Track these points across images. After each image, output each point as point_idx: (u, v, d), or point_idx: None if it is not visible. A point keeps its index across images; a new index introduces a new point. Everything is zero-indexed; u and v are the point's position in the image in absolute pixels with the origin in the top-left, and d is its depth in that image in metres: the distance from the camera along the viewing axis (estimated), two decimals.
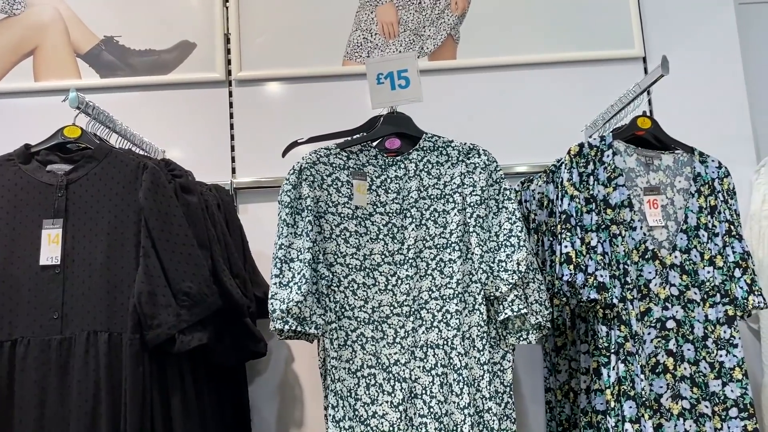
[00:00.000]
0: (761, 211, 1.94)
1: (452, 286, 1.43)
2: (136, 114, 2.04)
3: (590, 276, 1.46)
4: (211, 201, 1.64)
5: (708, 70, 2.12)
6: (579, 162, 1.54)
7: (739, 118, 2.11)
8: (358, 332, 1.39)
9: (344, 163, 1.45)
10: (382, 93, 1.45)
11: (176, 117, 2.05)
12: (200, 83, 2.06)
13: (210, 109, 2.06)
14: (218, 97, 2.07)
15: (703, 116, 2.09)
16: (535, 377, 1.95)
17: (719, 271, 1.57)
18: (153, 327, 1.30)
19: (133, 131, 1.76)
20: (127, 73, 2.06)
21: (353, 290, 1.40)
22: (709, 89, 2.11)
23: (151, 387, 1.32)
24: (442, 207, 1.48)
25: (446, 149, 1.51)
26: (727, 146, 2.05)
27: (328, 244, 1.40)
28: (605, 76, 2.09)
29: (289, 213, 1.36)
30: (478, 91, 2.09)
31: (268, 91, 2.07)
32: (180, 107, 2.06)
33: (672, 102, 2.08)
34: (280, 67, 2.06)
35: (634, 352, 1.47)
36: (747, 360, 1.94)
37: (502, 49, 2.09)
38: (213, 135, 2.05)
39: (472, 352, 1.42)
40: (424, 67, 2.07)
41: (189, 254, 1.36)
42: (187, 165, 1.97)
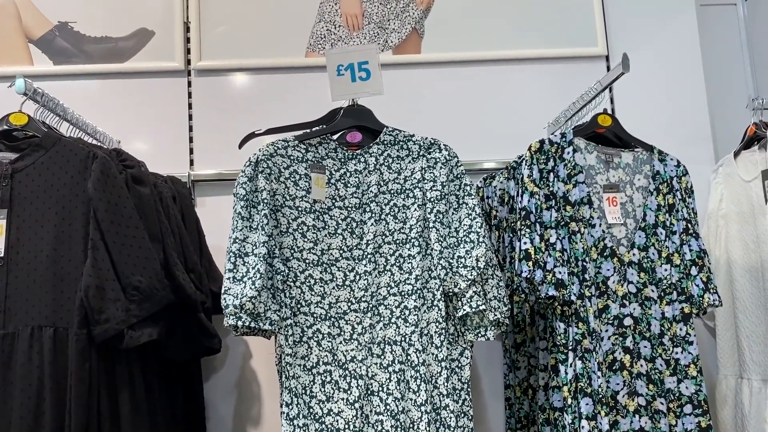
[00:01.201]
0: (718, 210, 1.97)
1: (411, 282, 1.41)
2: (91, 103, 1.98)
3: (549, 273, 1.46)
4: (165, 193, 1.60)
5: (669, 71, 2.14)
6: (539, 158, 1.53)
7: (698, 119, 2.13)
8: (314, 328, 1.36)
9: (302, 156, 1.42)
10: (342, 85, 1.43)
11: (133, 107, 2.00)
12: (158, 72, 2.01)
13: (168, 100, 2.01)
14: (177, 87, 2.02)
15: (664, 116, 2.11)
16: (494, 374, 1.95)
17: (676, 269, 1.58)
18: (101, 322, 1.26)
19: (86, 120, 1.70)
20: (82, 60, 1.99)
21: (310, 286, 1.37)
22: (669, 89, 2.13)
23: (98, 384, 1.27)
24: (402, 202, 1.46)
25: (407, 143, 1.49)
26: (686, 146, 2.08)
27: (285, 239, 1.37)
28: (569, 73, 2.10)
29: (245, 206, 1.33)
30: (443, 87, 2.07)
31: (228, 82, 2.03)
32: (137, 97, 2.00)
33: (633, 101, 2.10)
34: (242, 57, 2.02)
35: (592, 349, 1.47)
36: (702, 357, 1.97)
37: (467, 44, 2.08)
38: (171, 126, 2.00)
39: (429, 349, 1.40)
40: (388, 60, 2.05)
41: (140, 247, 1.32)
42: (144, 156, 1.93)
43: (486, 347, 1.96)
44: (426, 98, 2.06)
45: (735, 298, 1.87)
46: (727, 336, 1.89)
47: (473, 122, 2.06)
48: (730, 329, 1.89)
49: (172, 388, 1.49)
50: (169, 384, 1.48)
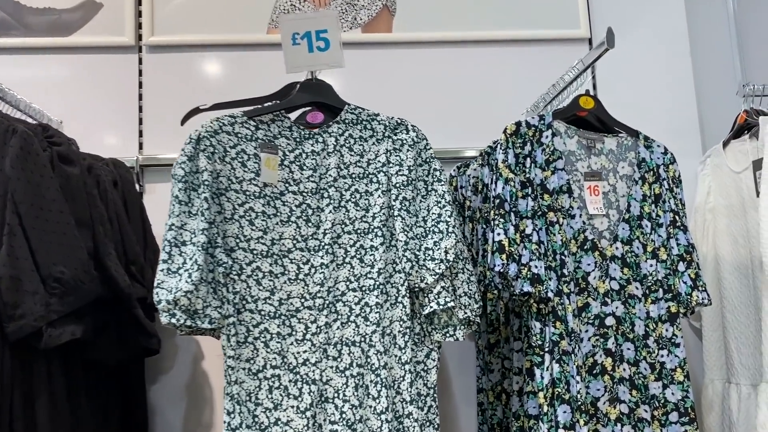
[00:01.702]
0: (706, 203, 1.85)
1: (373, 276, 1.27)
2: (32, 79, 1.82)
3: (524, 267, 1.32)
4: (104, 176, 1.45)
5: (655, 57, 2.03)
6: (516, 142, 1.40)
7: (685, 108, 2.02)
8: (261, 327, 1.21)
9: (252, 134, 1.28)
10: (297, 55, 1.28)
11: (78, 85, 1.84)
12: (106, 48, 1.85)
13: (117, 77, 1.85)
14: (127, 64, 1.86)
15: (649, 105, 2.00)
16: (467, 377, 1.82)
17: (662, 265, 1.46)
18: (15, 318, 1.10)
19: (19, 96, 1.54)
20: (23, 33, 1.83)
21: (257, 279, 1.22)
22: (655, 76, 2.02)
23: (11, 387, 1.12)
24: (364, 187, 1.32)
25: (371, 123, 1.35)
26: (673, 137, 1.96)
27: (230, 226, 1.22)
28: (551, 56, 1.98)
29: (183, 189, 1.18)
30: (416, 69, 1.94)
31: (183, 60, 1.87)
32: (83, 74, 1.84)
33: (616, 89, 1.99)
34: (198, 33, 1.87)
35: (570, 351, 1.34)
36: (689, 360, 1.85)
37: (442, 24, 1.95)
38: (119, 106, 1.84)
39: (392, 351, 1.26)
40: (356, 39, 1.92)
41: (63, 233, 1.17)
42: (90, 138, 1.78)
43: (458, 348, 1.83)
44: (397, 81, 1.92)
45: (723, 297, 1.75)
46: (714, 337, 1.78)
47: (448, 107, 1.93)
48: (718, 330, 1.77)
49: (104, 392, 1.34)
50: (102, 388, 1.33)
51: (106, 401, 1.32)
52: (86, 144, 1.78)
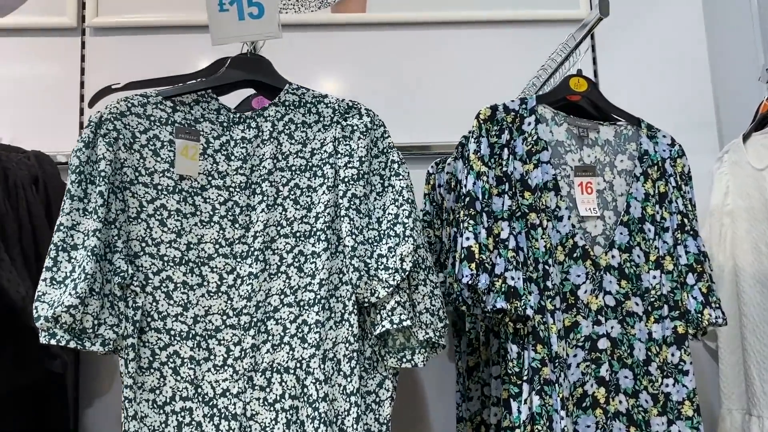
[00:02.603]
0: (723, 206, 1.61)
1: (313, 289, 1.05)
2: None
3: (497, 278, 1.10)
4: (18, 172, 1.25)
5: (664, 41, 1.80)
6: (491, 130, 1.18)
7: (700, 100, 1.79)
8: (169, 350, 1.00)
9: (168, 117, 1.07)
10: (225, 24, 1.07)
11: (14, 70, 1.65)
12: (46, 30, 1.66)
13: (57, 62, 1.66)
14: (68, 48, 1.67)
15: (658, 96, 1.76)
16: (446, 403, 1.59)
17: (668, 277, 1.22)
18: None
19: None
20: None
21: (167, 292, 1.01)
22: (665, 64, 1.79)
23: None
24: (306, 182, 1.10)
25: (317, 106, 1.14)
26: (685, 132, 1.72)
27: (134, 227, 1.01)
28: (546, 39, 1.74)
29: (77, 182, 0.97)
30: (394, 53, 1.72)
31: (130, 42, 1.68)
32: (19, 58, 1.65)
33: (620, 78, 1.76)
34: (147, 13, 1.67)
35: (554, 381, 1.11)
36: (702, 387, 1.61)
37: (422, 3, 1.73)
38: (59, 93, 1.65)
39: (335, 379, 1.04)
40: (325, 20, 1.71)
41: None
42: (25, 128, 1.60)
43: (438, 371, 1.61)
44: (371, 67, 1.71)
45: (742, 314, 1.51)
46: (732, 361, 1.53)
47: (430, 97, 1.71)
48: (736, 352, 1.53)
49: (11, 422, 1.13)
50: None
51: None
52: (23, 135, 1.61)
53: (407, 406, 1.59)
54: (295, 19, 1.70)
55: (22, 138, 1.59)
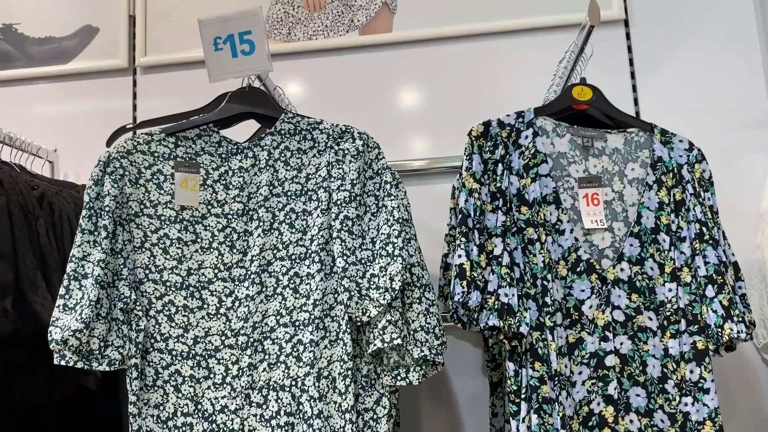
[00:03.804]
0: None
1: (308, 309, 1.10)
2: (32, 108, 1.83)
3: (490, 295, 1.09)
4: (64, 206, 1.39)
5: (711, 35, 1.69)
6: (484, 146, 1.17)
7: (751, 94, 1.66)
8: (171, 369, 1.08)
9: (170, 152, 1.15)
10: (220, 62, 1.14)
11: (75, 111, 1.82)
12: (101, 72, 1.82)
13: (111, 100, 1.81)
14: (121, 87, 1.82)
15: (703, 93, 1.66)
16: (479, 417, 1.58)
17: (685, 290, 1.16)
18: None
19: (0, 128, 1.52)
20: (25, 63, 1.84)
21: (169, 315, 1.09)
22: (711, 59, 1.68)
23: None
24: (302, 206, 1.15)
25: (312, 132, 1.19)
26: (734, 131, 1.62)
27: (139, 256, 1.10)
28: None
29: (88, 216, 1.07)
30: (421, 69, 1.74)
31: (177, 78, 1.81)
32: (80, 100, 1.83)
33: (661, 77, 1.67)
34: (189, 50, 1.79)
35: (554, 399, 1.09)
36: (756, 400, 1.51)
37: (449, 17, 1.74)
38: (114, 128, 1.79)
39: (330, 396, 1.08)
40: (354, 43, 1.75)
41: None
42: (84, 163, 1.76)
43: (471, 386, 1.60)
44: (401, 85, 1.74)
45: None
46: None
47: (459, 111, 1.71)
48: None
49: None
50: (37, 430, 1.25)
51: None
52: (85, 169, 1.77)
53: (442, 421, 1.59)
54: (326, 44, 1.76)
55: (82, 174, 1.76)
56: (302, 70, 1.78)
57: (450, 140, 1.70)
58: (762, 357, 1.55)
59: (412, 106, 1.73)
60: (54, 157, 1.71)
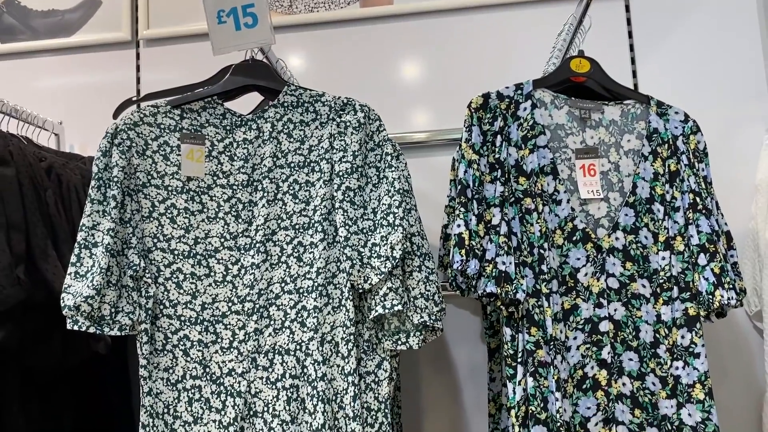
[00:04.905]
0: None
1: (312, 277, 1.13)
2: (36, 81, 1.85)
3: (488, 263, 1.13)
4: (72, 177, 1.42)
5: (712, 12, 1.70)
6: (483, 118, 1.20)
7: (749, 65, 1.68)
8: (180, 334, 1.12)
9: (176, 124, 1.18)
10: (224, 35, 1.16)
11: (79, 84, 1.84)
12: (104, 45, 1.84)
13: (115, 74, 1.83)
14: (124, 59, 1.83)
15: (703, 68, 1.67)
16: (478, 383, 1.63)
17: (679, 258, 1.19)
18: None
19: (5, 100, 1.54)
20: (29, 36, 1.86)
21: (177, 282, 1.13)
22: (712, 35, 1.69)
23: None
24: (305, 178, 1.18)
25: (314, 105, 1.21)
26: (732, 102, 1.64)
27: (147, 225, 1.13)
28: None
29: (97, 187, 1.10)
30: (422, 41, 1.75)
31: (179, 51, 1.82)
32: (84, 72, 1.84)
33: (660, 48, 1.68)
34: (193, 23, 1.80)
35: (549, 363, 1.13)
36: (750, 367, 1.55)
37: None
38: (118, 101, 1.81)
39: (334, 360, 1.12)
40: (355, 15, 1.77)
41: None
42: (91, 137, 1.79)
43: (469, 353, 1.65)
44: (404, 59, 1.75)
45: None
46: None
47: (459, 83, 1.73)
48: None
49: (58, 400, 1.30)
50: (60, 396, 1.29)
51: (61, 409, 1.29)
52: (90, 142, 1.80)
53: (441, 386, 1.64)
54: (328, 17, 1.77)
55: (87, 146, 1.79)
56: (303, 43, 1.79)
57: (450, 113, 1.73)
58: (753, 324, 1.59)
59: (412, 79, 1.75)
60: (60, 130, 1.73)
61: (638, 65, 1.67)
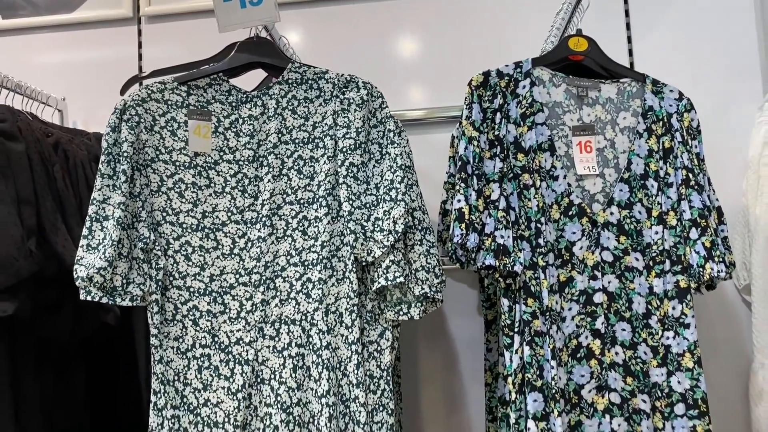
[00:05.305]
0: (761, 156, 1.56)
1: (316, 250, 1.17)
2: (38, 57, 1.86)
3: (487, 237, 1.17)
4: (78, 153, 1.44)
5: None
6: (483, 95, 1.23)
7: (743, 43, 1.70)
8: (189, 305, 1.15)
9: (183, 101, 1.20)
10: (230, 12, 1.18)
11: (81, 60, 1.85)
12: (106, 21, 1.85)
13: (117, 50, 1.84)
14: (126, 36, 1.85)
15: (699, 48, 1.70)
16: (475, 354, 1.68)
17: (671, 232, 1.23)
18: None
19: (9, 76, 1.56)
20: (30, 12, 1.86)
21: (186, 255, 1.16)
22: (707, 15, 1.71)
23: None
24: (309, 153, 1.21)
25: (318, 82, 1.23)
26: (725, 80, 1.67)
27: (156, 199, 1.16)
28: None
29: (107, 161, 1.13)
30: (420, 20, 1.77)
31: (181, 27, 1.83)
32: (84, 49, 1.85)
33: (658, 31, 1.71)
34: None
35: (545, 332, 1.17)
36: (739, 339, 1.61)
37: None
38: (120, 78, 1.83)
39: (337, 329, 1.16)
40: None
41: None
42: (93, 113, 1.81)
43: (467, 324, 1.69)
44: (397, 34, 1.77)
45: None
46: (765, 315, 1.51)
47: (457, 61, 1.75)
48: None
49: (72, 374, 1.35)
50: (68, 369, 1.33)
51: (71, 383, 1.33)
52: (92, 119, 1.82)
53: (440, 356, 1.69)
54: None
55: (90, 122, 1.81)
56: (302, 20, 1.81)
57: (447, 90, 1.75)
58: (742, 297, 1.64)
59: (410, 56, 1.77)
60: (63, 106, 1.75)
61: (634, 44, 1.70)
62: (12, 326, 1.19)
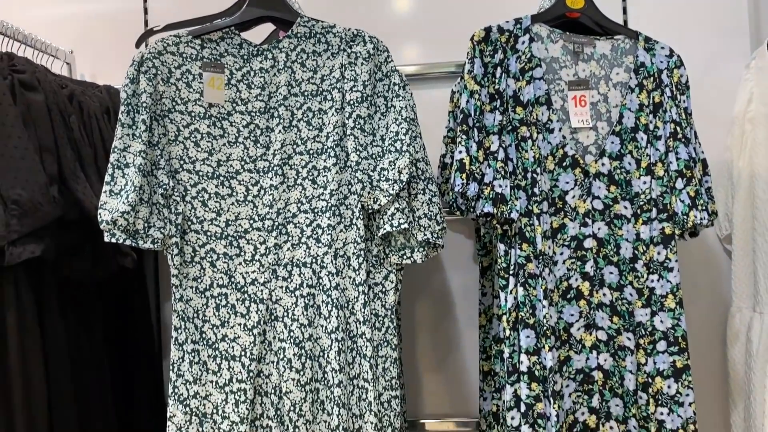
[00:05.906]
0: (746, 112, 1.63)
1: (325, 198, 1.24)
2: (44, 9, 1.89)
3: (486, 186, 1.24)
4: (91, 104, 1.49)
5: None
6: (485, 50, 1.29)
7: (733, 8, 1.75)
8: (207, 248, 1.23)
9: (197, 53, 1.25)
10: None
11: (86, 11, 1.88)
12: None
13: (122, 3, 1.87)
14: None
15: (689, 5, 1.75)
16: (470, 299, 1.77)
17: (658, 182, 1.31)
18: None
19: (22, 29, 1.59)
20: None
21: (203, 201, 1.23)
22: None
23: None
24: (317, 106, 1.27)
25: (326, 36, 1.29)
26: (719, 39, 1.73)
27: (174, 148, 1.22)
28: None
29: (126, 112, 1.19)
30: None
31: None
32: (90, 1, 1.88)
33: None
34: None
35: (538, 274, 1.26)
36: (719, 286, 1.70)
37: None
38: (126, 30, 1.86)
39: (346, 272, 1.24)
40: None
41: (22, 158, 1.22)
42: (101, 67, 1.85)
43: (462, 272, 1.78)
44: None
45: (754, 218, 1.56)
46: (745, 262, 1.60)
47: (451, 16, 1.79)
48: (749, 255, 1.59)
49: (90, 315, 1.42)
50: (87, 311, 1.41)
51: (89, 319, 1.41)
52: (100, 71, 1.86)
53: (437, 302, 1.78)
54: None
55: (98, 73, 1.85)
56: None
57: (442, 46, 1.79)
58: (723, 246, 1.73)
59: (404, 11, 1.80)
60: (71, 59, 1.79)
61: (628, 2, 1.75)
62: (39, 267, 1.26)
